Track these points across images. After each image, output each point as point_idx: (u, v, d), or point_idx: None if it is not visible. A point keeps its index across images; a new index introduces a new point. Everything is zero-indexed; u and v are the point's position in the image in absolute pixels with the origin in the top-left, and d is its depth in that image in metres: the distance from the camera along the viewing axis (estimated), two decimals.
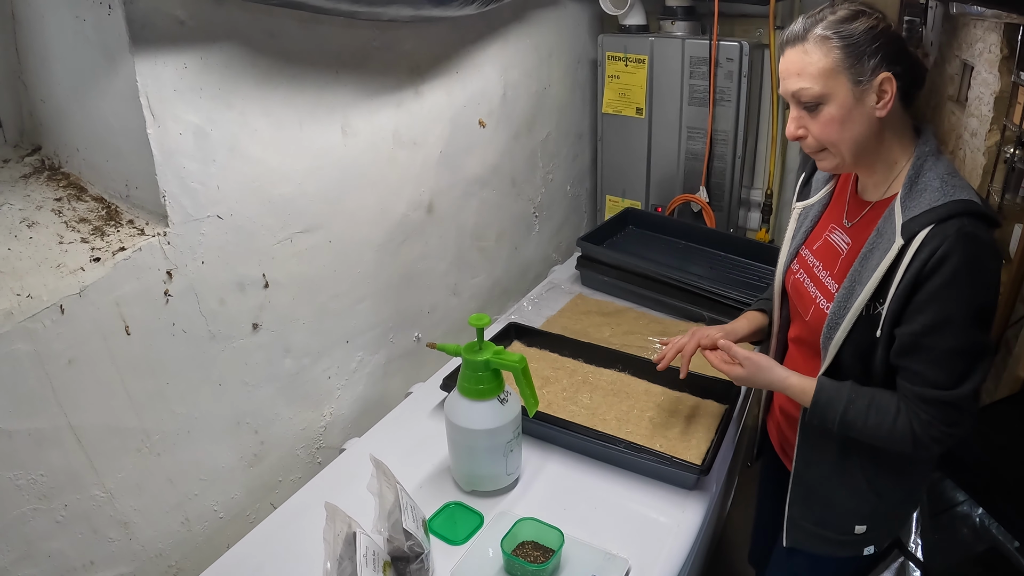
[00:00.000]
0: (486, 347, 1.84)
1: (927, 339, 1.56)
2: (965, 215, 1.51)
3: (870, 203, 1.74)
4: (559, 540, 1.69)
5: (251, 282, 1.96)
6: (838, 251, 1.78)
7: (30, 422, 1.55)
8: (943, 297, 1.52)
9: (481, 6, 2.25)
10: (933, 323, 1.54)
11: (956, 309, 1.52)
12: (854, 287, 1.64)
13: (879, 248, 1.61)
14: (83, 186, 1.84)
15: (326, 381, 2.28)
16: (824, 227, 1.87)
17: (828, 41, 1.58)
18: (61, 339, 1.58)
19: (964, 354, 1.56)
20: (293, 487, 2.10)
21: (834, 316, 1.68)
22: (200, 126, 1.76)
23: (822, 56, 1.59)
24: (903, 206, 1.59)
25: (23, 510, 1.56)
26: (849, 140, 1.64)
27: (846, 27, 1.58)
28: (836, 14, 1.61)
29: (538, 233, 3.30)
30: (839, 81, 1.59)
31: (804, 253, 1.89)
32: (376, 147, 2.28)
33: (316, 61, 2.02)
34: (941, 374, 1.57)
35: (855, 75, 1.57)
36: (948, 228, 1.50)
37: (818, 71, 1.59)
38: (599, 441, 2.01)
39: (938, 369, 1.57)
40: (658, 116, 3.25)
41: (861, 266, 1.65)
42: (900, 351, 1.61)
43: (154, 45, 1.63)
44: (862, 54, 1.56)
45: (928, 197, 1.56)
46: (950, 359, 1.56)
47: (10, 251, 1.61)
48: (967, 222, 1.50)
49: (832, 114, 1.62)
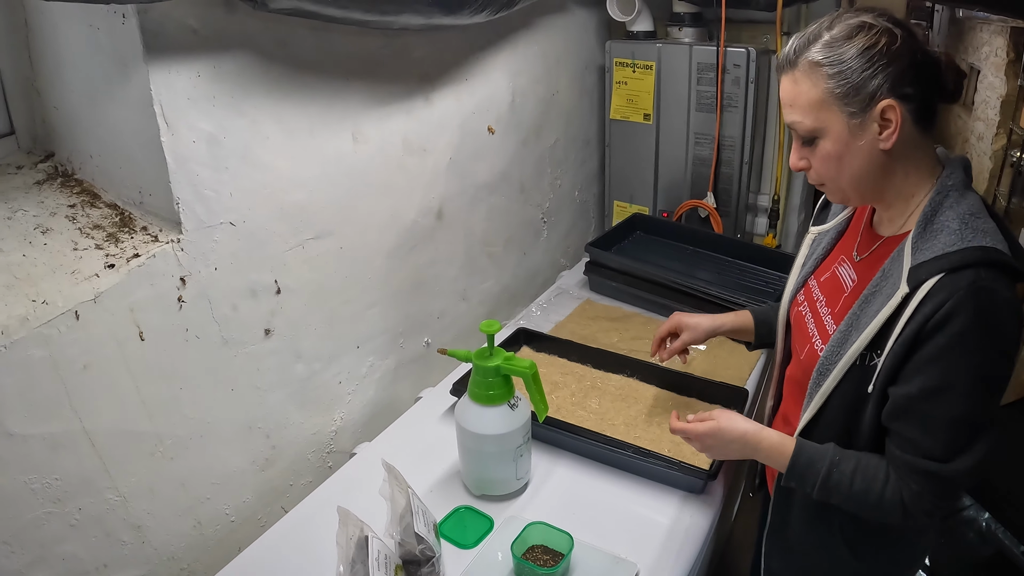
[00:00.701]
0: (497, 353, 1.85)
1: (924, 404, 1.39)
2: (983, 265, 1.33)
3: (883, 238, 1.58)
4: (569, 544, 1.70)
5: (263, 288, 1.98)
6: (842, 287, 1.63)
7: (45, 427, 1.56)
8: (946, 359, 1.35)
9: (491, 14, 2.27)
10: (932, 387, 1.38)
11: (960, 375, 1.36)
12: (850, 333, 1.50)
13: (882, 292, 1.46)
14: (96, 193, 1.86)
15: (337, 386, 2.30)
16: (835, 258, 1.72)
17: (817, 69, 1.42)
18: (76, 345, 1.59)
19: (965, 425, 1.39)
20: (304, 491, 2.12)
21: (825, 362, 1.53)
22: (213, 134, 1.78)
23: (811, 87, 1.44)
24: (914, 247, 1.42)
25: (37, 513, 1.58)
26: (849, 177, 1.50)
27: (838, 50, 1.41)
28: (832, 32, 1.43)
29: (546, 239, 3.31)
30: (832, 114, 1.44)
31: (811, 284, 1.76)
32: (386, 154, 2.30)
33: (327, 69, 2.04)
34: (936, 445, 1.40)
35: (848, 107, 1.42)
36: (960, 279, 1.33)
37: (808, 103, 1.45)
38: (608, 446, 2.02)
39: (933, 439, 1.40)
40: (666, 122, 3.25)
41: (860, 310, 1.50)
42: (893, 413, 1.45)
43: (168, 54, 1.65)
44: (856, 83, 1.40)
45: (943, 240, 1.39)
46: (948, 429, 1.40)
47: (25, 257, 1.63)
48: (984, 274, 1.32)
49: (828, 149, 1.47)
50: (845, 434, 1.55)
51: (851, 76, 1.40)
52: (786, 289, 1.84)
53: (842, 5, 3.14)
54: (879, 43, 1.40)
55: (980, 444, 1.40)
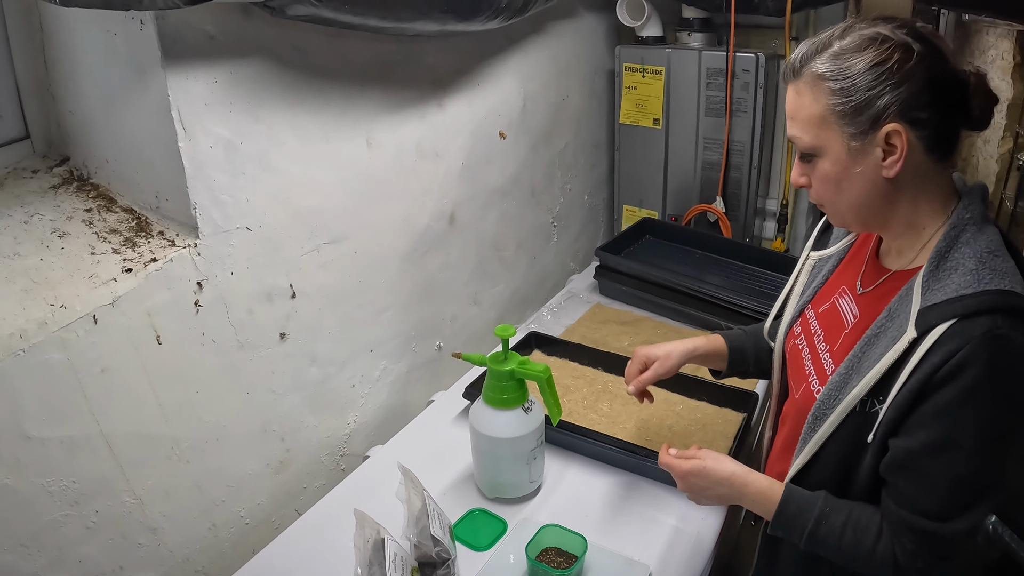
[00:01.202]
0: (511, 357, 1.86)
1: (925, 460, 1.28)
2: (1000, 312, 1.21)
3: (890, 271, 1.45)
4: (582, 546, 1.71)
5: (279, 292, 1.99)
6: (843, 322, 1.50)
7: (63, 430, 1.57)
8: (954, 415, 1.24)
9: (504, 20, 2.27)
10: (936, 443, 1.26)
11: (969, 432, 1.24)
12: (850, 377, 1.38)
13: (887, 335, 1.34)
14: (112, 197, 1.87)
15: (350, 389, 2.30)
16: (834, 287, 1.60)
17: (820, 83, 1.31)
18: (94, 348, 1.60)
19: (969, 485, 1.28)
20: (317, 494, 2.13)
21: (822, 406, 1.41)
22: (230, 139, 1.79)
23: (812, 101, 1.33)
24: (924, 287, 1.29)
25: (55, 516, 1.59)
26: (848, 202, 1.39)
27: (845, 63, 1.29)
28: (843, 41, 1.31)
29: (556, 243, 3.32)
30: (831, 133, 1.33)
31: (809, 315, 1.64)
32: (400, 159, 2.31)
33: (342, 75, 2.05)
34: (935, 503, 1.29)
35: (849, 127, 1.30)
36: (975, 327, 1.20)
37: (808, 119, 1.34)
38: (620, 449, 2.03)
39: (933, 497, 1.29)
40: (675, 127, 3.26)
41: (863, 353, 1.38)
42: (892, 466, 1.33)
43: (185, 60, 1.66)
44: (860, 102, 1.28)
45: (957, 280, 1.26)
46: (950, 489, 1.28)
47: (42, 261, 1.64)
48: (1002, 322, 1.20)
49: (826, 171, 1.36)
50: (840, 482, 1.44)
51: (855, 94, 1.28)
52: (784, 316, 1.74)
53: (849, 10, 3.15)
54: (890, 59, 1.27)
55: (984, 505, 1.28)
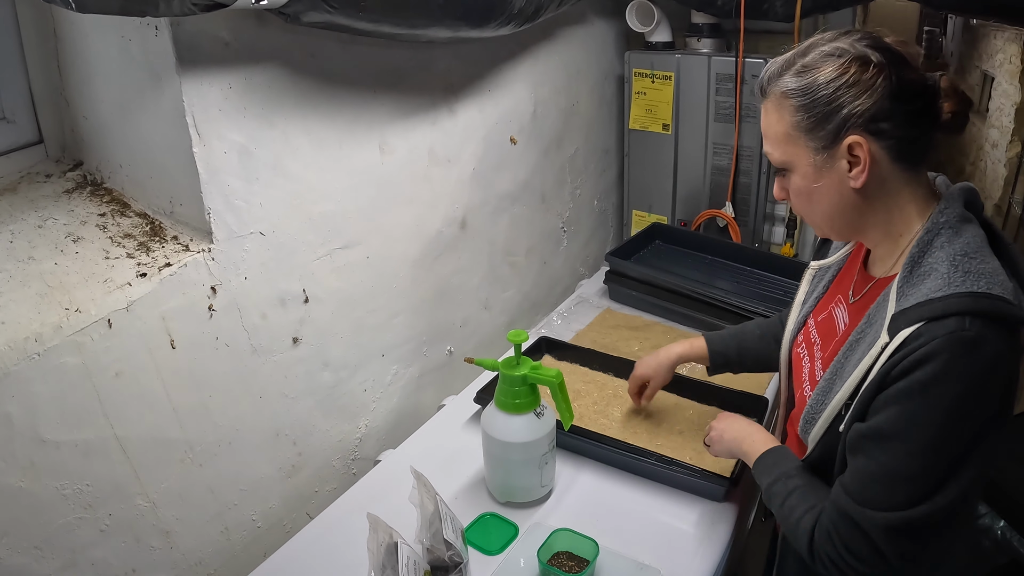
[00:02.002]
0: (523, 362, 1.87)
1: (868, 444, 1.29)
2: (969, 315, 1.19)
3: (875, 279, 1.47)
4: (594, 551, 1.71)
5: (292, 297, 2.00)
6: (836, 330, 1.54)
7: (77, 433, 1.58)
8: (901, 405, 1.24)
9: (515, 27, 2.28)
10: (880, 432, 1.27)
11: (913, 426, 1.23)
12: (834, 382, 1.41)
13: (865, 341, 1.36)
14: (126, 202, 1.88)
15: (362, 394, 2.31)
16: (832, 296, 1.62)
17: (785, 101, 1.34)
18: (109, 352, 1.61)
19: (900, 483, 1.26)
20: (329, 498, 2.13)
21: (812, 410, 1.46)
22: (244, 145, 1.80)
23: (778, 119, 1.37)
24: (899, 292, 1.31)
25: (69, 519, 1.60)
26: (820, 214, 1.43)
27: (807, 79, 1.32)
28: (805, 58, 1.34)
29: (566, 248, 3.33)
30: (798, 148, 1.36)
31: (810, 324, 1.67)
32: (412, 165, 2.31)
33: (355, 81, 2.06)
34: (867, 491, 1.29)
35: (813, 141, 1.34)
36: (940, 328, 1.20)
37: (776, 135, 1.38)
38: (631, 454, 2.03)
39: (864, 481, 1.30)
40: (684, 132, 3.26)
41: (845, 359, 1.40)
42: (847, 446, 1.34)
43: (200, 66, 1.67)
44: (820, 116, 1.31)
45: (929, 285, 1.26)
46: (881, 479, 1.28)
47: (57, 265, 1.65)
48: (969, 324, 1.18)
49: (798, 184, 1.40)
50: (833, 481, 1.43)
51: (815, 108, 1.32)
52: (787, 326, 1.76)
53: (856, 15, 3.15)
54: (847, 72, 1.29)
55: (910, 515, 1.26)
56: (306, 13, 1.66)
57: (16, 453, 1.49)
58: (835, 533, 1.33)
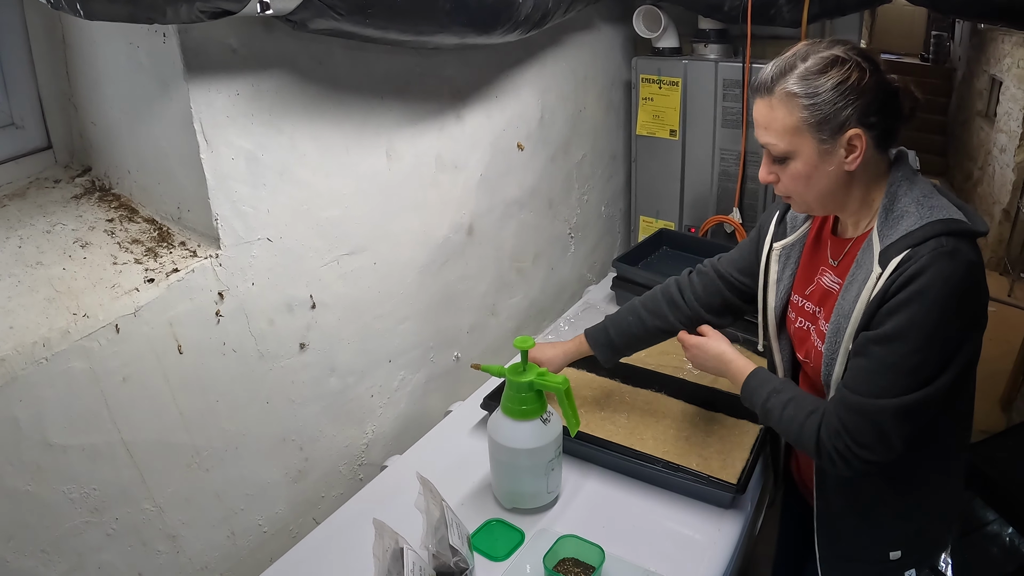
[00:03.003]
0: (530, 368, 1.87)
1: (874, 347, 1.53)
2: (943, 235, 1.48)
3: (851, 239, 1.70)
4: (600, 557, 1.71)
5: (299, 303, 2.00)
6: (832, 292, 1.72)
7: (84, 437, 1.59)
8: (904, 311, 1.48)
9: (522, 33, 2.29)
10: (885, 335, 1.51)
11: (914, 328, 1.48)
12: (840, 322, 1.62)
13: (858, 280, 1.59)
14: (134, 207, 1.88)
15: (369, 399, 2.31)
16: (813, 270, 1.82)
17: (794, 99, 1.53)
18: (116, 357, 1.62)
19: (904, 374, 1.51)
20: (335, 503, 2.14)
21: (828, 354, 1.66)
22: (251, 151, 1.80)
23: (787, 114, 1.55)
24: (880, 236, 1.57)
25: (75, 523, 1.60)
26: (815, 193, 1.62)
27: (813, 83, 1.52)
28: (807, 63, 1.54)
29: (573, 253, 3.33)
30: (804, 140, 1.55)
31: (797, 300, 1.85)
32: (419, 171, 2.32)
33: (362, 87, 2.06)
34: (872, 384, 1.53)
35: (820, 134, 1.53)
36: (924, 249, 1.48)
37: (783, 128, 1.56)
38: (637, 460, 2.03)
39: (871, 379, 1.53)
40: (692, 138, 3.26)
41: (843, 299, 1.62)
42: (852, 352, 1.59)
43: (208, 73, 1.68)
44: (828, 114, 1.52)
45: (906, 223, 1.54)
46: (887, 373, 1.52)
47: (65, 271, 1.66)
48: (945, 241, 1.47)
49: (798, 169, 1.59)
50: None
51: (824, 108, 1.52)
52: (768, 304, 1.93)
53: (864, 22, 3.15)
54: (850, 78, 1.51)
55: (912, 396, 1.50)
56: (313, 20, 1.66)
57: (23, 457, 1.50)
58: (842, 428, 1.56)
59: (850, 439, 1.55)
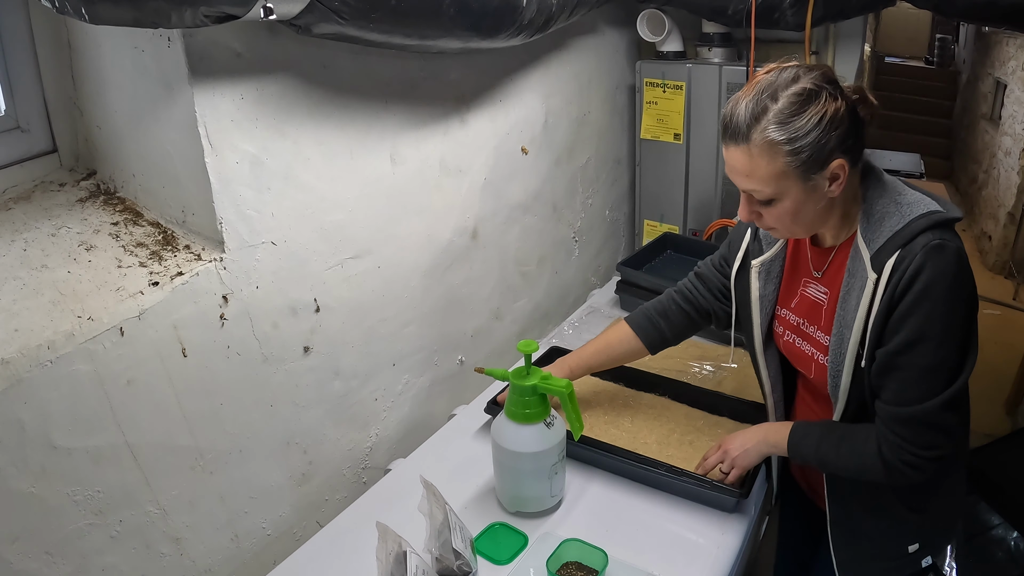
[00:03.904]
0: (534, 372, 1.87)
1: (902, 358, 1.54)
2: (928, 229, 1.50)
3: (832, 247, 1.70)
4: (603, 561, 1.71)
5: (303, 306, 2.01)
6: (819, 303, 1.74)
7: (89, 440, 1.60)
8: (917, 313, 1.50)
9: (526, 37, 2.29)
10: (908, 341, 1.52)
11: (928, 326, 1.51)
12: (843, 332, 1.62)
13: (855, 288, 1.59)
14: (139, 211, 1.89)
15: (373, 403, 2.32)
16: (795, 283, 1.82)
17: (775, 146, 1.48)
18: (121, 360, 1.62)
19: (938, 370, 1.54)
20: (339, 506, 2.14)
21: (833, 366, 1.66)
22: (256, 155, 1.81)
23: (768, 162, 1.50)
24: (866, 240, 1.58)
25: (79, 525, 1.61)
26: (802, 224, 1.61)
27: (793, 127, 1.47)
28: (778, 104, 1.48)
29: (577, 257, 3.33)
30: (790, 182, 1.52)
31: (783, 313, 1.85)
32: (423, 175, 2.33)
33: (366, 91, 2.07)
34: (915, 392, 1.55)
35: (805, 175, 1.51)
36: (915, 247, 1.49)
37: (766, 176, 1.52)
38: (641, 464, 2.03)
39: (912, 387, 1.55)
40: (696, 141, 3.27)
41: (843, 310, 1.63)
42: (877, 372, 1.59)
43: (212, 77, 1.69)
44: (812, 154, 1.48)
45: (889, 224, 1.55)
46: (924, 377, 1.54)
47: (70, 274, 1.66)
48: (931, 235, 1.50)
49: (785, 208, 1.56)
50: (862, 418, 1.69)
51: (808, 149, 1.48)
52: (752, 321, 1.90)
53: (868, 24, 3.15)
54: (827, 111, 1.48)
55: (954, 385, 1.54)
56: (317, 24, 1.67)
57: (28, 459, 1.50)
58: (903, 441, 1.57)
59: (914, 448, 1.57)
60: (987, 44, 6.55)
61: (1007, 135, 6.26)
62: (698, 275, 2.10)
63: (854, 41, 3.18)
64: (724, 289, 2.04)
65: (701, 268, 2.10)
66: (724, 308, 2.05)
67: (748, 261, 1.89)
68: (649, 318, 2.13)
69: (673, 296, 2.13)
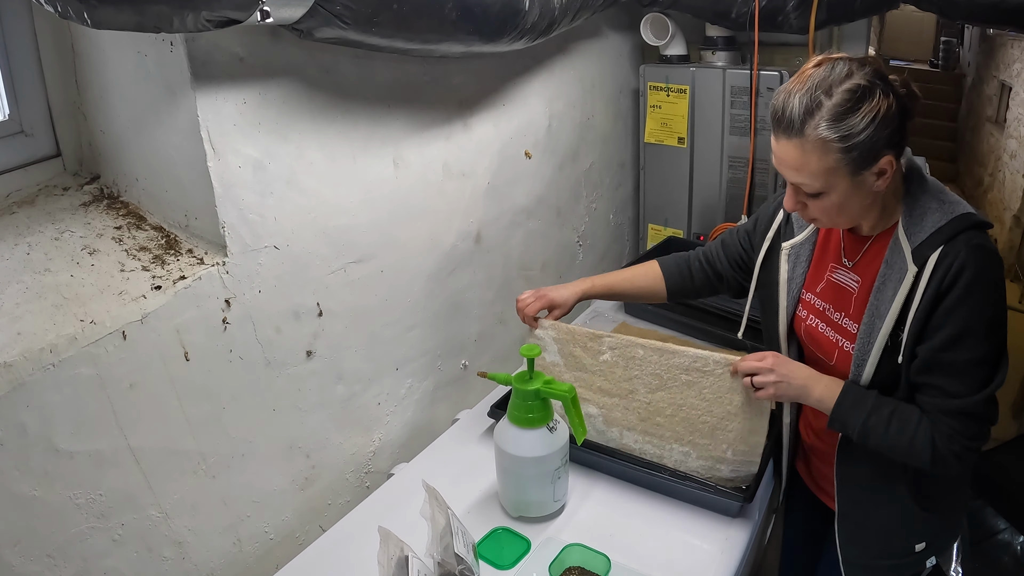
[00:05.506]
0: (536, 376, 1.87)
1: (947, 354, 1.57)
2: (970, 228, 1.54)
3: (869, 237, 1.72)
4: (606, 566, 1.71)
5: (306, 311, 2.01)
6: (848, 291, 1.75)
7: (91, 443, 1.60)
8: (960, 310, 1.54)
9: (529, 41, 2.29)
10: (952, 337, 1.55)
11: (974, 321, 1.54)
12: (874, 322, 1.64)
13: (892, 279, 1.62)
14: (142, 215, 1.89)
15: (376, 407, 2.32)
16: (823, 267, 1.83)
17: (828, 144, 1.50)
18: (123, 364, 1.63)
19: (983, 364, 1.57)
20: (342, 510, 2.14)
21: (860, 354, 1.68)
22: (259, 159, 1.81)
23: (821, 157, 1.52)
24: (907, 233, 1.60)
25: (81, 528, 1.61)
26: (846, 216, 1.64)
27: (846, 124, 1.48)
28: (833, 99, 1.49)
29: (581, 262, 3.33)
30: (839, 177, 1.54)
31: (808, 297, 1.85)
32: (426, 179, 2.33)
33: (369, 96, 2.07)
34: (962, 386, 1.58)
35: (854, 170, 1.53)
36: (958, 245, 1.53)
37: (817, 170, 1.54)
38: (644, 469, 2.02)
39: (959, 381, 1.58)
40: (700, 145, 3.27)
41: (877, 300, 1.64)
42: (921, 368, 1.61)
43: (215, 81, 1.69)
44: (864, 152, 1.50)
45: (931, 219, 1.58)
46: (970, 370, 1.57)
47: (73, 278, 1.66)
48: (973, 235, 1.54)
49: (832, 201, 1.58)
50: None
51: (860, 147, 1.50)
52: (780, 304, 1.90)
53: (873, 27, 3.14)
54: (878, 109, 1.49)
55: (997, 377, 1.59)
56: (319, 29, 1.67)
57: (30, 462, 1.50)
58: (955, 433, 1.59)
59: (964, 439, 1.59)
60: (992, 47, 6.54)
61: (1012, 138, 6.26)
62: (723, 242, 2.14)
63: (858, 44, 3.17)
64: (739, 259, 2.08)
65: (726, 236, 2.14)
66: (736, 277, 2.11)
67: (778, 243, 1.91)
68: (679, 265, 2.21)
69: (698, 255, 2.19)
